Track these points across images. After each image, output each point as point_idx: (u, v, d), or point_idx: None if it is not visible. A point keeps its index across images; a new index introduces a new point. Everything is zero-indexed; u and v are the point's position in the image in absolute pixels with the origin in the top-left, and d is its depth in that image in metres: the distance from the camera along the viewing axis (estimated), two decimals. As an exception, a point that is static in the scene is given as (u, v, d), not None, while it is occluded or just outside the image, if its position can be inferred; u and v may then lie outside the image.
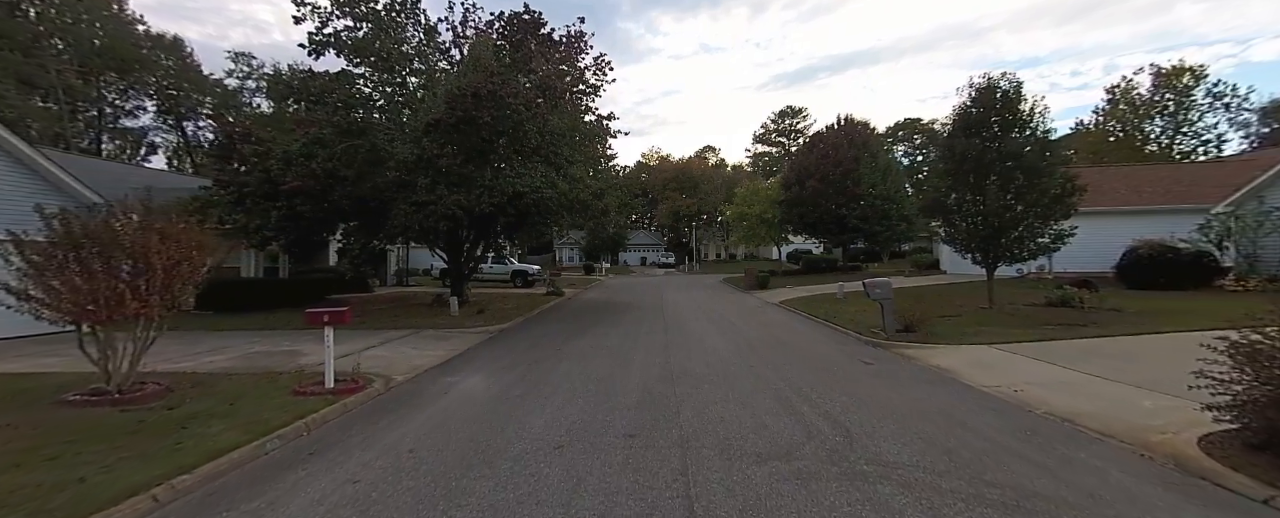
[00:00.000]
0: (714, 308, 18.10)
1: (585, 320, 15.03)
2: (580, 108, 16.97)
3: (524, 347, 10.75)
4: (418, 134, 12.77)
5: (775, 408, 6.28)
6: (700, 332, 12.50)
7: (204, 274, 7.20)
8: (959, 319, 12.58)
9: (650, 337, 11.83)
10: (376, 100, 14.81)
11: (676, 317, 15.50)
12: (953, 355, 9.26)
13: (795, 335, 12.02)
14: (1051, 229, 12.99)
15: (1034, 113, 13.08)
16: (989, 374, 7.86)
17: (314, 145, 12.46)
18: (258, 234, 13.13)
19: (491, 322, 13.89)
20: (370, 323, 13.21)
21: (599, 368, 8.58)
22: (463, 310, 15.47)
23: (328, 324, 6.82)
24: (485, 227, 16.41)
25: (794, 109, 79.54)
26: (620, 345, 10.71)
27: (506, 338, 12.05)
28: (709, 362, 9.01)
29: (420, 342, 11.05)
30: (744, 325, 13.66)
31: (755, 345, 10.63)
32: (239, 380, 7.24)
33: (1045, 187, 12.38)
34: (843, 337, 11.86)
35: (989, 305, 13.94)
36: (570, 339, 11.61)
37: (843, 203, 29.71)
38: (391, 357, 9.35)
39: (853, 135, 31.59)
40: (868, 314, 14.35)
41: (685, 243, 69.54)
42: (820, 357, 9.50)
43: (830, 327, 13.19)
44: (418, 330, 12.30)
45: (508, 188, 13.29)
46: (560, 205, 14.20)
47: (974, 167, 13.24)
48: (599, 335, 12.12)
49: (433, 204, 12.35)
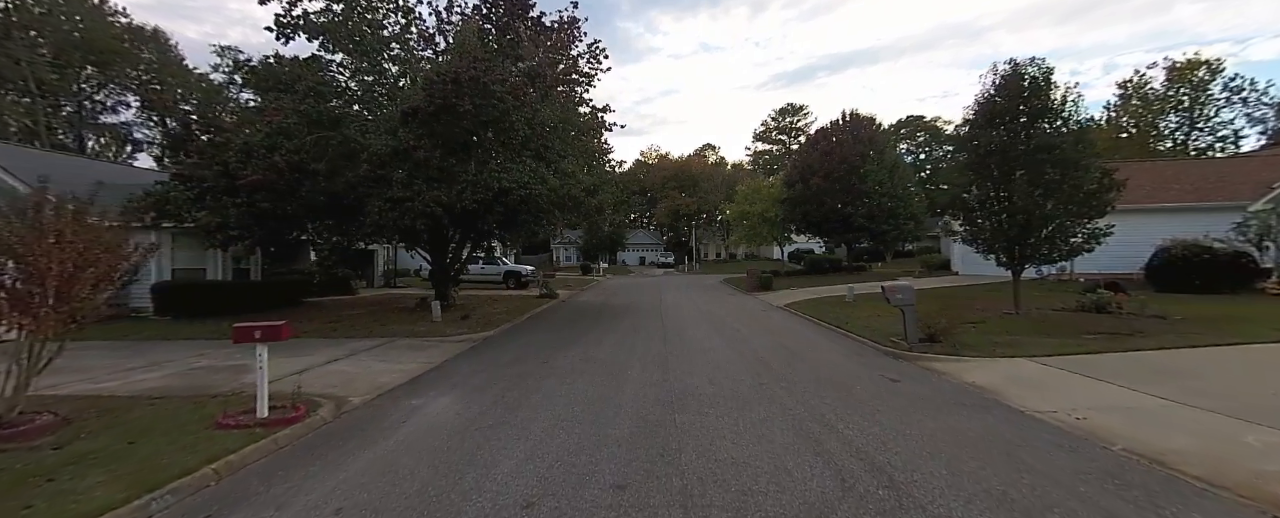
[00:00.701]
0: (716, 312, 17.02)
1: (578, 327, 13.94)
2: (573, 99, 15.87)
3: (507, 359, 9.66)
4: (393, 124, 11.66)
5: (797, 444, 5.20)
6: (702, 340, 11.41)
7: (120, 281, 6.09)
8: (984, 326, 11.51)
9: (648, 346, 10.74)
10: (353, 90, 13.69)
11: (676, 322, 14.42)
12: (988, 371, 8.19)
13: (807, 345, 10.94)
14: (1084, 228, 11.91)
15: (1066, 101, 12.00)
16: (1038, 396, 6.79)
17: (277, 137, 11.36)
18: (221, 234, 12.01)
19: (476, 328, 12.79)
20: (342, 330, 12.11)
21: (588, 387, 7.49)
22: (446, 315, 14.37)
23: (260, 342, 5.71)
24: (472, 225, 15.30)
25: (794, 107, 78.60)
26: (614, 358, 9.62)
27: (490, 348, 10.95)
28: (714, 379, 7.93)
29: (392, 353, 9.95)
30: (749, 333, 12.57)
31: (764, 358, 9.54)
32: (159, 408, 6.14)
33: (1080, 181, 11.30)
34: (859, 347, 10.78)
35: (1015, 311, 12.87)
36: (559, 350, 10.52)
37: (848, 201, 28.64)
38: (354, 373, 8.25)
39: (858, 131, 30.50)
40: (883, 320, 13.28)
41: (685, 242, 68.45)
42: (838, 372, 8.41)
43: (844, 335, 12.11)
44: (392, 340, 11.20)
45: (493, 183, 12.19)
46: (550, 203, 13.10)
47: (999, 160, 12.16)
48: (591, 345, 11.03)
49: (409, 201, 11.24)
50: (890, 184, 28.59)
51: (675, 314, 16.30)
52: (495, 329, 12.98)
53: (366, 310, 15.88)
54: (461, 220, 13.90)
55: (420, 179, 11.57)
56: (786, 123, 78.87)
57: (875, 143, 29.94)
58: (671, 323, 14.29)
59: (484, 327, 13.12)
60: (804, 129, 74.44)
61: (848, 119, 30.92)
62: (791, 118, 78.48)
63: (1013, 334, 10.70)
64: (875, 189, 28.35)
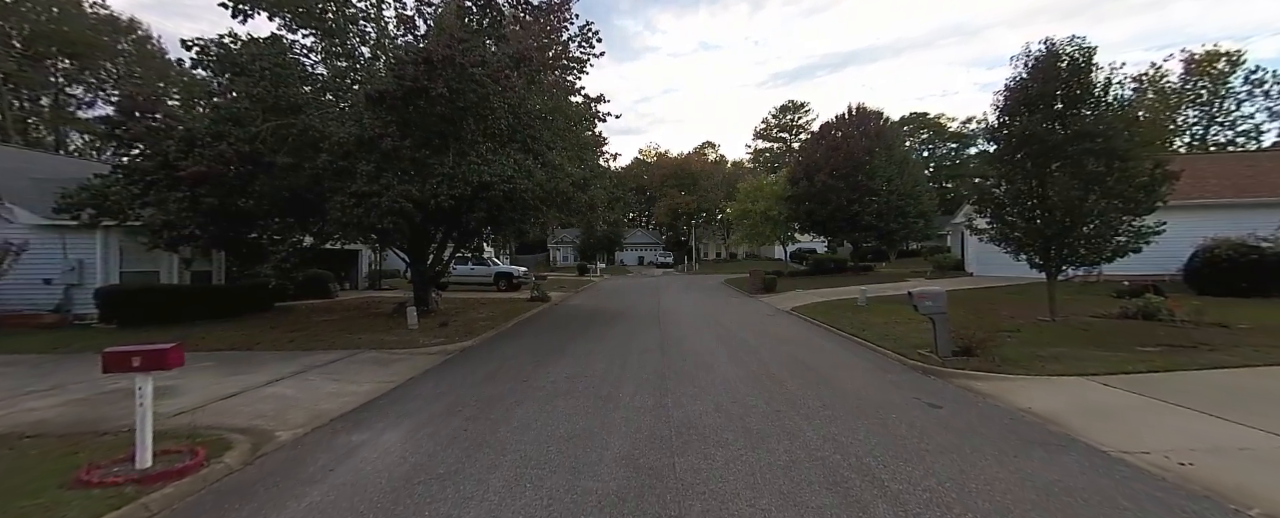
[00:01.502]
0: (718, 317, 15.77)
1: (568, 334, 12.69)
2: (563, 86, 14.62)
3: (481, 376, 8.41)
4: (359, 110, 10.41)
5: (834, 505, 3.97)
6: (705, 353, 10.17)
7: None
8: (1020, 336, 10.26)
9: (643, 360, 9.50)
10: (324, 77, 12.39)
11: (675, 330, 13.17)
12: (1043, 392, 6.95)
13: (824, 358, 9.69)
14: (1131, 226, 10.68)
15: (1110, 84, 10.77)
16: (1118, 429, 5.56)
17: (225, 123, 10.10)
18: (167, 233, 10.73)
19: (454, 338, 11.54)
20: (301, 341, 10.85)
21: (571, 417, 6.24)
22: (424, 322, 13.12)
23: (139, 372, 4.44)
24: (455, 223, 14.05)
25: (795, 104, 77.36)
26: (605, 375, 8.37)
27: (465, 361, 9.70)
28: (720, 404, 6.68)
29: (350, 370, 8.70)
30: (757, 343, 11.33)
31: (777, 375, 8.29)
32: (17, 453, 4.87)
33: (1131, 173, 10.06)
34: (882, 360, 9.55)
35: (1050, 318, 11.64)
36: (543, 364, 9.27)
37: (855, 198, 27.38)
38: (295, 397, 7.00)
39: (865, 125, 29.25)
40: (903, 327, 12.04)
41: (684, 242, 67.22)
42: (866, 394, 7.17)
43: (863, 345, 10.87)
44: (355, 353, 9.95)
45: (472, 177, 10.93)
46: (537, 198, 11.83)
47: (1035, 150, 10.92)
48: (580, 358, 9.78)
49: (376, 196, 9.98)
50: (899, 180, 27.35)
51: (674, 320, 15.06)
52: (475, 338, 11.72)
53: (339, 317, 14.61)
54: (439, 218, 12.67)
55: (390, 172, 10.31)
56: (787, 120, 77.61)
57: (883, 137, 28.69)
58: (670, 331, 13.04)
59: (464, 335, 11.86)
60: (805, 127, 73.30)
61: (854, 113, 29.66)
62: (792, 115, 77.23)
63: (1056, 346, 9.47)
64: (884, 186, 27.12)
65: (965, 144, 67.55)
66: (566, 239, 63.93)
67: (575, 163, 12.70)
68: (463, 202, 11.06)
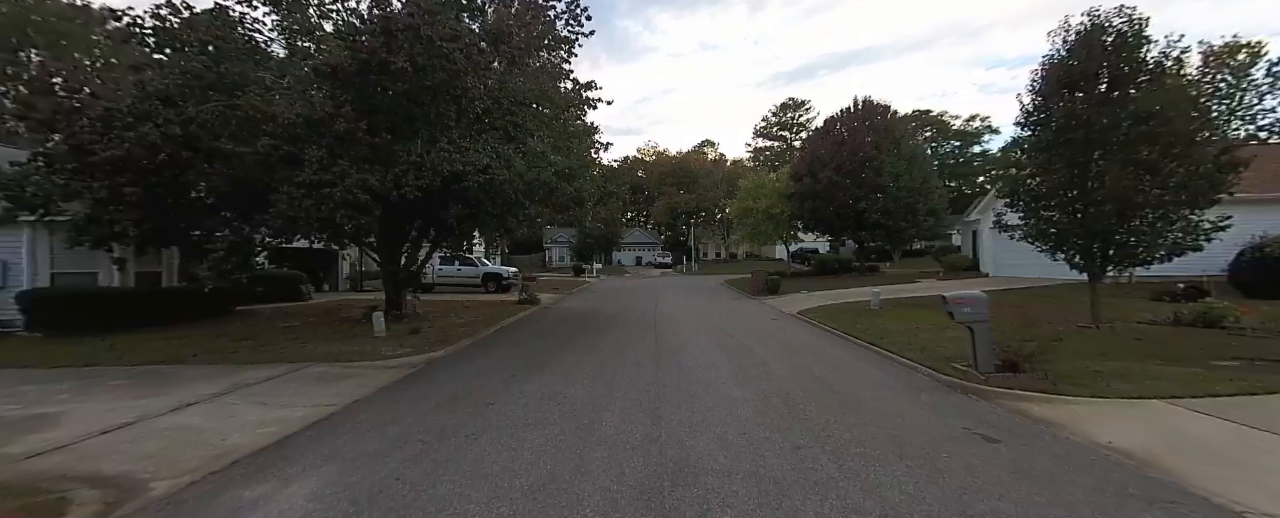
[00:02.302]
0: (720, 323, 14.48)
1: (552, 343, 11.39)
2: (550, 70, 13.32)
3: (441, 398, 7.10)
4: (306, 85, 9.11)
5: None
6: (706, 366, 8.87)
7: None
8: (1066, 347, 8.95)
9: (635, 376, 8.20)
10: (275, 55, 11.08)
11: (673, 338, 11.88)
12: (1122, 422, 5.68)
13: (843, 373, 8.39)
14: (1189, 220, 9.41)
15: (1166, 59, 9.49)
16: (1241, 477, 4.28)
17: (151, 101, 8.81)
18: (94, 229, 9.39)
19: (424, 347, 10.24)
20: (246, 352, 9.53)
21: (538, 456, 4.95)
22: (394, 329, 11.82)
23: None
24: (431, 219, 12.75)
25: (796, 101, 76.19)
26: (588, 396, 7.07)
27: (428, 377, 8.40)
28: (725, 437, 5.40)
29: (286, 389, 7.39)
30: (764, 353, 10.04)
31: (792, 395, 7.00)
32: None
33: (1197, 158, 8.78)
34: (911, 375, 8.26)
35: (1093, 325, 10.36)
36: (518, 380, 7.97)
37: (862, 195, 26.10)
38: (201, 428, 5.69)
39: (872, 119, 27.97)
40: (926, 334, 10.78)
41: (683, 242, 65.95)
42: (903, 422, 5.88)
43: (883, 355, 9.59)
44: (303, 366, 8.63)
45: (443, 166, 9.63)
46: (516, 189, 10.52)
47: (1079, 136, 9.65)
48: (562, 373, 8.49)
49: (328, 186, 8.68)
50: (908, 176, 26.06)
51: (671, 326, 13.77)
52: (448, 348, 10.41)
53: (302, 322, 13.29)
54: (410, 212, 11.39)
55: (346, 159, 9.01)
56: (788, 118, 76.38)
57: (891, 131, 27.41)
58: (667, 338, 11.75)
59: (435, 344, 10.55)
60: (806, 125, 72.07)
61: (860, 107, 28.38)
62: (793, 113, 75.99)
63: (1114, 358, 8.20)
64: (892, 182, 25.84)
65: (969, 142, 66.41)
66: (562, 239, 62.67)
67: (561, 151, 11.37)
68: (432, 194, 9.77)
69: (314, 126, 8.80)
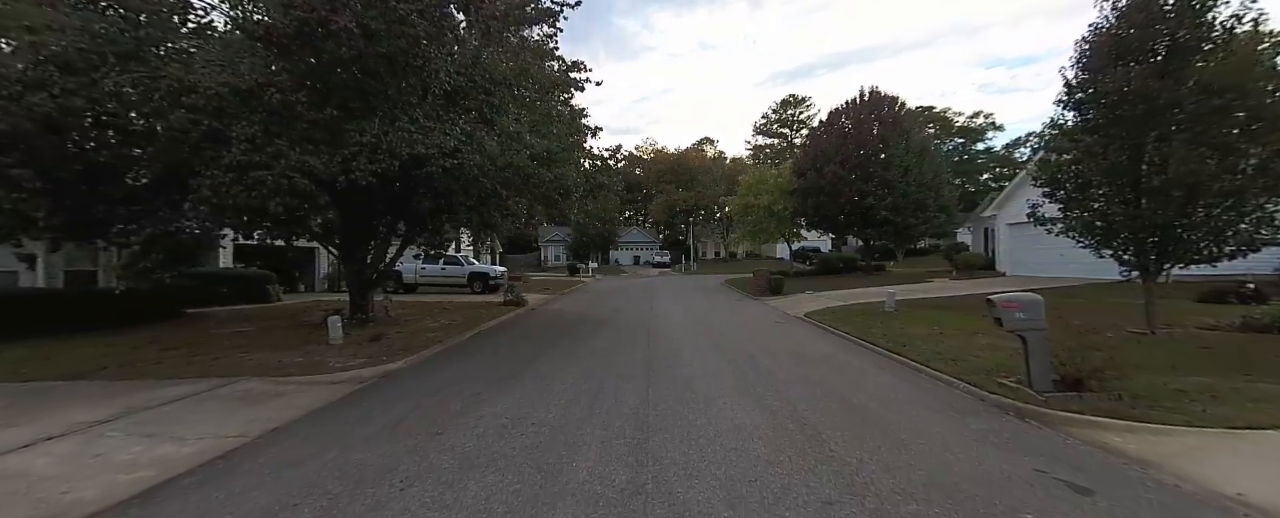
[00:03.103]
0: (720, 326, 13.19)
1: (531, 351, 10.09)
2: (533, 47, 12.01)
3: (383, 422, 5.80)
4: (235, 51, 7.79)
5: None
6: (705, 379, 7.57)
7: None
8: (1124, 357, 7.67)
9: (621, 393, 6.90)
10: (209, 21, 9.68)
11: (668, 344, 10.59)
12: (1238, 461, 4.41)
13: (867, 389, 7.09)
14: (1264, 209, 8.13)
15: (1239, 22, 8.19)
16: None
17: (45, 68, 7.49)
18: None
19: (383, 356, 8.94)
20: (170, 364, 8.20)
21: (479, 516, 3.65)
22: (355, 334, 10.53)
23: None
24: (400, 211, 11.45)
25: (797, 98, 74.93)
26: (561, 421, 5.77)
27: (374, 395, 7.09)
28: (732, 484, 4.11)
29: (192, 414, 6.07)
30: (771, 363, 8.74)
31: (810, 421, 5.71)
32: None
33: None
34: (948, 393, 6.97)
35: (1149, 332, 9.08)
36: (481, 400, 6.67)
37: (869, 191, 24.80)
38: (44, 474, 4.37)
39: (879, 111, 26.66)
40: (953, 340, 9.53)
41: (682, 241, 64.65)
42: (956, 462, 4.57)
43: (910, 366, 8.30)
44: (229, 382, 7.31)
45: (402, 148, 8.31)
46: (490, 177, 9.17)
47: (1138, 114, 8.35)
48: (536, 388, 7.18)
49: (261, 169, 7.37)
50: (918, 171, 24.77)
51: (667, 330, 12.46)
52: (410, 357, 9.10)
53: (255, 328, 11.97)
54: (368, 202, 10.08)
55: (285, 138, 7.70)
56: (788, 115, 75.04)
57: (900, 123, 26.11)
58: (662, 344, 10.45)
59: (396, 353, 9.25)
60: (806, 122, 70.75)
61: (866, 98, 27.07)
62: (793, 110, 74.66)
63: (1188, 372, 6.93)
64: (900, 177, 24.55)
65: (973, 139, 65.18)
66: (557, 238, 61.37)
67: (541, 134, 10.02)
68: (390, 181, 8.47)
69: (243, 99, 7.48)
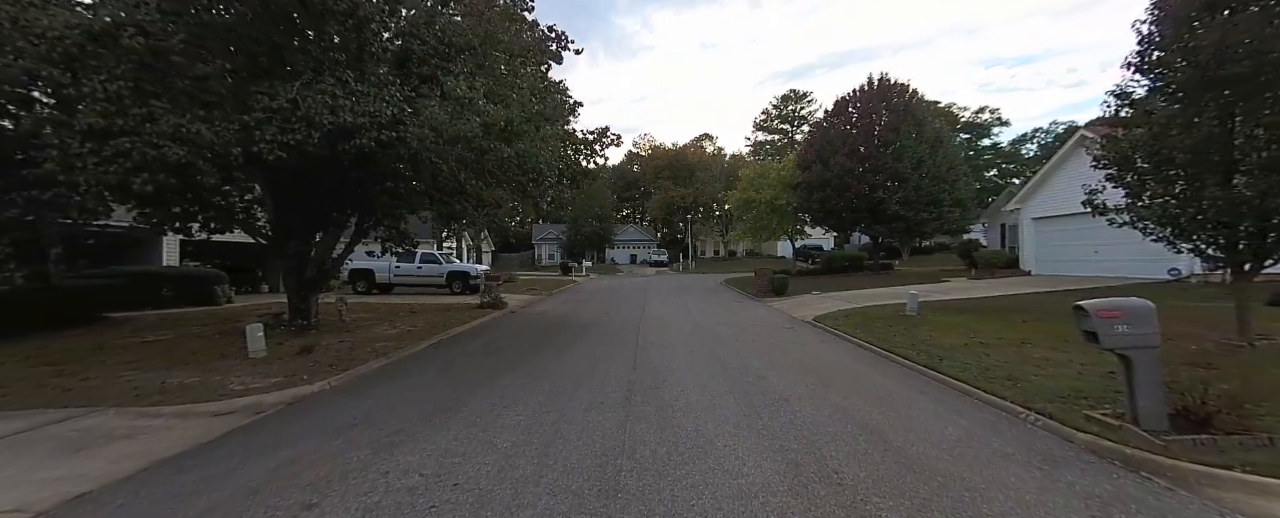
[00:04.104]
0: (719, 334, 11.51)
1: (493, 365, 8.40)
2: (503, 8, 10.30)
3: (247, 483, 4.13)
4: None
5: None
6: (700, 408, 5.89)
7: None
8: (1227, 374, 6.03)
9: (588, 432, 5.21)
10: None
11: (658, 355, 8.91)
12: None
13: (913, 425, 5.40)
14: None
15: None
16: None
17: None
18: None
19: (305, 374, 7.27)
20: (17, 391, 6.50)
21: None
22: (286, 345, 8.86)
23: None
24: (346, 197, 9.76)
25: (798, 93, 73.24)
26: (495, 482, 4.09)
27: (263, 432, 5.41)
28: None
29: (10, 460, 4.39)
30: (784, 383, 7.07)
31: (845, 476, 4.03)
32: None
33: None
34: (1021, 430, 5.28)
35: (1246, 343, 7.41)
36: (399, 442, 4.99)
37: (879, 184, 23.12)
38: None
39: (889, 99, 24.98)
40: (1002, 355, 7.86)
41: (680, 239, 62.97)
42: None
43: (959, 389, 6.62)
44: (85, 412, 5.63)
45: (322, 116, 6.63)
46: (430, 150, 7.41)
47: (1246, 72, 6.67)
48: (477, 425, 5.49)
49: (123, 135, 5.68)
50: (932, 162, 23.09)
51: (659, 337, 10.78)
52: (338, 376, 7.41)
53: (177, 335, 10.27)
54: (306, 187, 8.41)
55: (164, 98, 6.01)
56: (789, 111, 73.36)
57: (912, 112, 24.42)
58: (649, 358, 8.76)
59: (323, 370, 7.56)
60: (807, 118, 69.06)
61: (876, 85, 25.38)
62: (794, 105, 73.00)
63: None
64: (912, 169, 22.87)
65: (978, 134, 63.57)
66: (552, 236, 59.69)
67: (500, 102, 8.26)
68: (307, 155, 6.78)
69: (100, 43, 5.78)
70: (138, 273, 14.04)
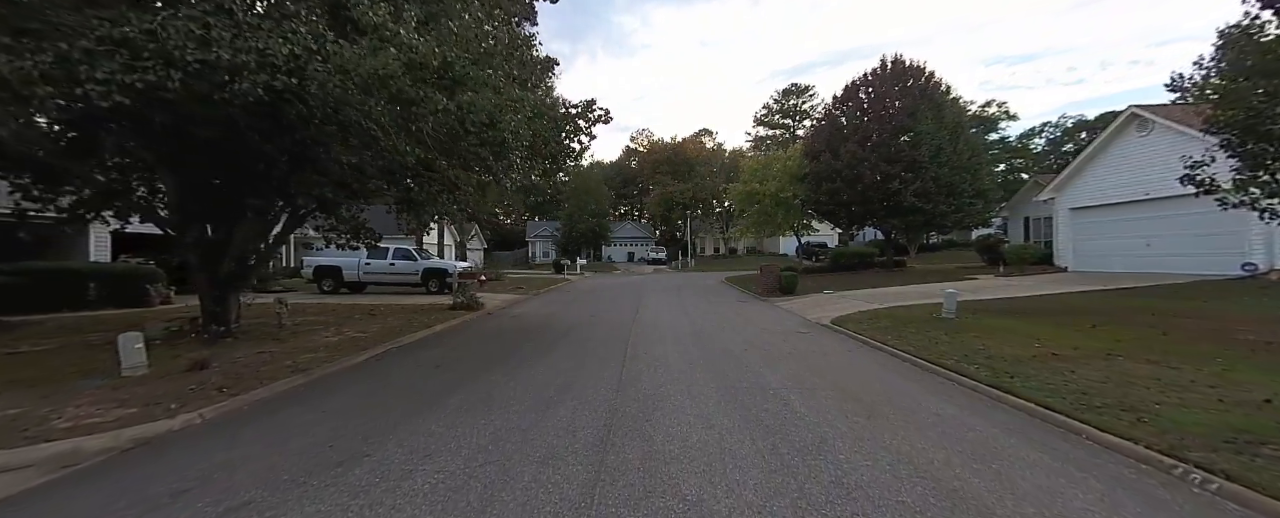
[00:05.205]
0: (724, 342, 9.70)
1: (434, 390, 6.60)
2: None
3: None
4: None
5: None
6: (700, 451, 4.10)
7: None
8: None
9: (538, 486, 3.39)
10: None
11: (648, 373, 7.11)
12: None
13: (1016, 492, 3.58)
14: None
15: None
16: None
17: None
18: None
19: (172, 403, 5.48)
20: None
21: None
22: (181, 358, 7.04)
23: None
24: (251, 170, 7.92)
25: (799, 87, 71.24)
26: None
27: (60, 499, 3.60)
28: None
29: None
30: (813, 411, 5.26)
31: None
32: None
33: None
34: (1182, 496, 3.47)
35: None
36: (251, 513, 3.17)
37: (894, 174, 21.30)
38: None
39: (904, 83, 23.14)
40: (1093, 372, 6.04)
41: (679, 237, 61.09)
42: None
43: (1057, 424, 4.82)
44: None
45: (183, 51, 4.83)
46: (336, 98, 5.57)
47: None
48: (366, 498, 3.68)
49: None
50: (952, 151, 21.27)
51: (651, 349, 8.97)
52: (223, 403, 5.61)
53: (58, 343, 8.45)
54: (193, 155, 6.60)
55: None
56: (790, 105, 71.39)
57: (930, 96, 22.59)
58: (638, 373, 6.95)
59: (207, 395, 5.75)
60: (809, 113, 67.16)
61: (890, 68, 23.53)
62: (796, 99, 71.00)
63: None
64: (930, 157, 21.05)
65: (986, 128, 61.66)
66: (546, 233, 57.83)
67: (436, 39, 6.36)
68: (169, 106, 4.98)
69: None
70: (52, 270, 12.21)
